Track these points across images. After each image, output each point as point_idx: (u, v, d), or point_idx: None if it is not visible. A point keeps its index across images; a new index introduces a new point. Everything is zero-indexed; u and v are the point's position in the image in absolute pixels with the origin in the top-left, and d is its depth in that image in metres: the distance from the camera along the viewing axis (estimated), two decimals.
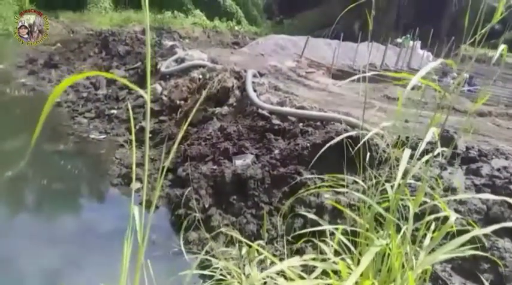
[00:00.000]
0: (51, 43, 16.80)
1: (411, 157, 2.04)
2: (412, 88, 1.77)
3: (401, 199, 2.27)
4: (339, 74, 12.39)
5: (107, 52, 14.10)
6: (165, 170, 1.31)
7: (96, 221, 5.52)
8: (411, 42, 18.87)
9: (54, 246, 4.78)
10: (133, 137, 1.42)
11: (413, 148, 2.09)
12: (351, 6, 3.10)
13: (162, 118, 8.22)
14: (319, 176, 4.68)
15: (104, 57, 13.85)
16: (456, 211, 3.80)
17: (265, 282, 3.13)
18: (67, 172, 7.10)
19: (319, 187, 3.90)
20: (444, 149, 2.26)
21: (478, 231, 1.81)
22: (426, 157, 2.18)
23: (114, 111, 9.38)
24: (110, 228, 5.27)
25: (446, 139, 4.59)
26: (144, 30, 16.91)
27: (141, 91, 1.23)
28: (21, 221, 5.53)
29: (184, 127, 1.34)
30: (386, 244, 2.03)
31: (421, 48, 21.19)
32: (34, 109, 9.81)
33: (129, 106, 2.42)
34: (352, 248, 2.52)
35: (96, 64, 13.18)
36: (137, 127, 8.26)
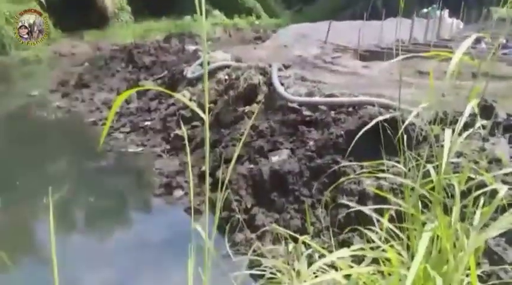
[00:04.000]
0: (79, 63, 17.30)
1: (452, 132, 1.95)
2: (445, 60, 1.68)
3: (446, 178, 2.18)
4: (367, 55, 12.12)
5: (133, 65, 14.36)
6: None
7: (146, 233, 5.65)
8: (438, 12, 18.17)
9: (110, 261, 4.96)
10: (187, 147, 1.43)
11: (452, 123, 2.00)
12: None
13: (194, 123, 8.30)
14: (358, 163, 4.59)
15: (131, 71, 14.11)
16: (503, 182, 3.62)
17: (316, 276, 3.10)
18: (111, 187, 7.31)
19: (358, 174, 3.81)
20: (484, 121, 2.15)
21: None
22: (467, 133, 2.07)
23: (148, 123, 9.55)
24: (159, 238, 5.40)
25: (486, 108, 4.40)
26: (166, 38, 17.08)
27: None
28: (75, 239, 5.72)
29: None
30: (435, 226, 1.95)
31: (450, 16, 20.40)
32: (71, 131, 10.17)
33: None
34: (400, 233, 2.44)
35: (124, 79, 13.42)
36: (172, 135, 8.39)
